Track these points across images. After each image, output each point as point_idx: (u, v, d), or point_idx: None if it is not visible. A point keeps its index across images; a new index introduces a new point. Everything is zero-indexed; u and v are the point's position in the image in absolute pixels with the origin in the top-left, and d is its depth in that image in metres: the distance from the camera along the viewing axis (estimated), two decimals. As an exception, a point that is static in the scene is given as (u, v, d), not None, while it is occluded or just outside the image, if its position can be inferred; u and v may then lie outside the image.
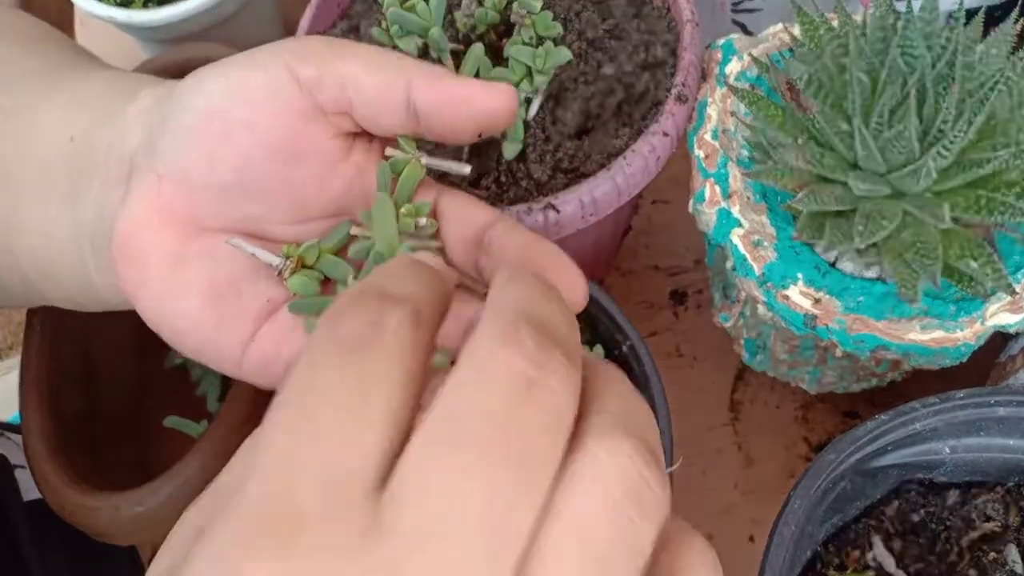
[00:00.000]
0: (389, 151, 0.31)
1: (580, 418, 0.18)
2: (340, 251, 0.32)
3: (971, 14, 0.38)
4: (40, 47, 0.38)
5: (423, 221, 0.30)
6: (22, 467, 0.45)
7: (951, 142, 0.35)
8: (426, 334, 0.19)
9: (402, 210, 0.30)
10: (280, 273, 0.31)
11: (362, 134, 0.32)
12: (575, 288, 0.28)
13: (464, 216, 0.31)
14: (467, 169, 0.32)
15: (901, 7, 0.39)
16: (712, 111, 0.42)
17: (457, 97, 0.30)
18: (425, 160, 0.31)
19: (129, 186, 0.31)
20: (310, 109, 0.30)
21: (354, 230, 0.31)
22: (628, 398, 0.20)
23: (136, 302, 0.31)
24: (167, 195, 0.31)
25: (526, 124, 0.41)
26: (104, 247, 0.32)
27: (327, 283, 0.32)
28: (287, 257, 0.31)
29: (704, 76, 0.44)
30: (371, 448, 0.17)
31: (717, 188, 0.41)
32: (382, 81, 0.30)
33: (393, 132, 0.31)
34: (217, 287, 0.31)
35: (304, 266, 0.31)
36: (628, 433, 0.18)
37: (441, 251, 0.31)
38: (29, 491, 0.44)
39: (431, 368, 0.19)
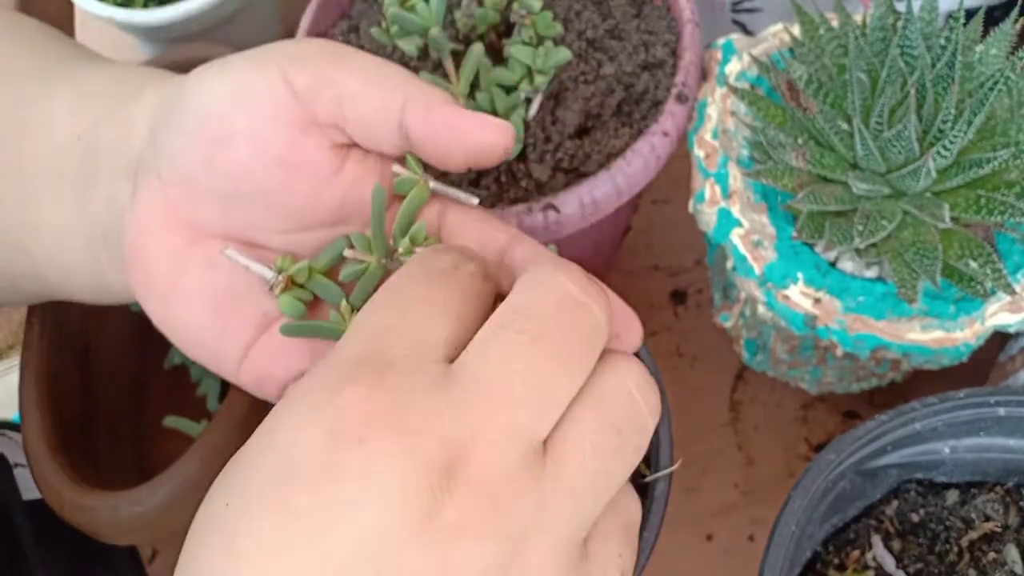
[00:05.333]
0: (396, 168, 0.31)
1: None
2: (333, 269, 0.31)
3: (971, 14, 0.38)
4: (37, 40, 0.38)
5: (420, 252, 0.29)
6: (23, 466, 0.45)
7: (951, 142, 0.35)
8: (489, 287, 0.26)
9: (399, 247, 0.29)
10: (272, 288, 0.30)
11: (355, 145, 0.32)
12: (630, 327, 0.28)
13: (478, 236, 0.31)
14: (475, 200, 0.31)
15: (901, 7, 0.39)
16: (712, 111, 0.42)
17: (451, 127, 0.29)
18: (432, 184, 0.31)
19: (136, 186, 0.31)
20: (306, 120, 0.30)
21: (347, 253, 0.30)
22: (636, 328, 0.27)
23: (144, 305, 0.32)
24: (171, 198, 0.30)
25: (526, 124, 0.41)
26: (116, 244, 0.32)
27: (317, 302, 0.31)
28: (280, 271, 0.30)
29: (704, 76, 0.44)
30: (446, 333, 0.24)
31: (717, 188, 0.41)
32: (378, 100, 0.29)
33: (384, 150, 0.31)
34: (218, 297, 0.31)
35: (295, 284, 0.30)
36: (638, 364, 0.25)
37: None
38: (29, 490, 0.44)
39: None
